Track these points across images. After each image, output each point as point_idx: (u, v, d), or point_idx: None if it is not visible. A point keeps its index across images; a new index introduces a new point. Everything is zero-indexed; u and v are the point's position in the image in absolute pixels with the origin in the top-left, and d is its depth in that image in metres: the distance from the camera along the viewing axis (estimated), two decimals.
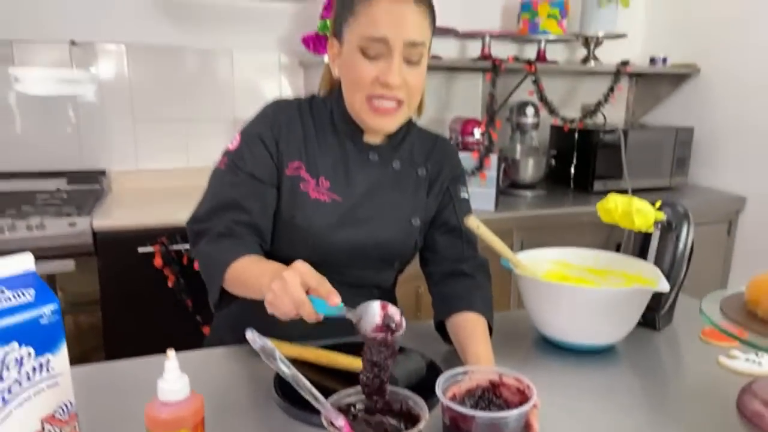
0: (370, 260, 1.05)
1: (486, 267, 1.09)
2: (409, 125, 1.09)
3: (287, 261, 1.00)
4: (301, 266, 0.77)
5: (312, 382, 0.68)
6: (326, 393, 0.69)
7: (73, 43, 2.08)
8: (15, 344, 0.57)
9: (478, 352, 0.88)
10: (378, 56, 0.93)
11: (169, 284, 1.79)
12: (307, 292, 0.74)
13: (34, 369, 0.59)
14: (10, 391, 0.58)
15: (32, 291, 0.59)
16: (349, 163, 1.03)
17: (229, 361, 1.00)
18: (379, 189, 1.04)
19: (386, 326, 0.72)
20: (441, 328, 1.04)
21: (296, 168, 1.00)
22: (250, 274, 0.87)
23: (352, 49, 0.94)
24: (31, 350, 0.58)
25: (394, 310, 0.73)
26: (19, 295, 0.58)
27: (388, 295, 1.15)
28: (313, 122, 1.04)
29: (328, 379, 0.89)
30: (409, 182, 1.07)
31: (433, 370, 0.89)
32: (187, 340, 1.11)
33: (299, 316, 0.75)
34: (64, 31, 2.06)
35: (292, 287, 0.73)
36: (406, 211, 1.06)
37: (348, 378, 0.86)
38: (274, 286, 0.75)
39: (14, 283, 0.59)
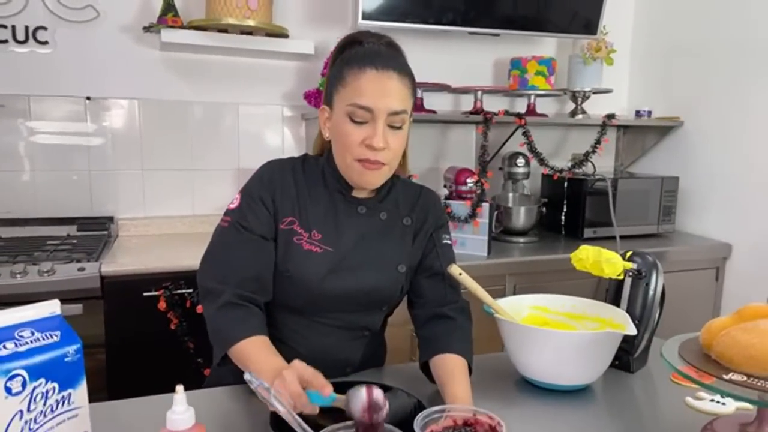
0: (359, 305, 1.12)
1: (467, 310, 1.17)
2: (394, 179, 1.18)
3: (282, 308, 1.09)
4: (298, 365, 0.85)
5: (304, 418, 0.75)
6: (317, 428, 0.76)
7: (88, 98, 2.22)
8: (42, 380, 0.65)
9: (455, 393, 0.96)
10: (364, 121, 1.03)
11: (172, 327, 1.86)
12: (304, 388, 0.83)
13: (57, 402, 0.67)
14: (35, 422, 0.66)
15: (58, 332, 0.67)
16: (339, 215, 1.12)
17: (229, 400, 1.06)
18: (368, 238, 1.12)
19: (372, 407, 0.79)
20: (426, 368, 1.10)
21: (290, 223, 1.09)
22: (254, 360, 0.96)
23: (341, 114, 1.05)
24: (56, 385, 0.66)
25: (378, 393, 0.79)
26: (47, 337, 0.66)
27: (376, 337, 1.23)
28: (305, 179, 1.13)
29: (319, 417, 0.96)
30: (395, 231, 1.15)
31: (418, 409, 0.95)
32: (188, 381, 1.17)
33: (297, 410, 0.82)
34: (80, 88, 2.21)
35: (291, 384, 0.82)
36: (393, 259, 1.14)
37: (336, 415, 0.93)
38: (275, 385, 0.83)
39: (43, 325, 0.68)
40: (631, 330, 1.01)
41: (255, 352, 0.97)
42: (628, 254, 1.17)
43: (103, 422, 0.94)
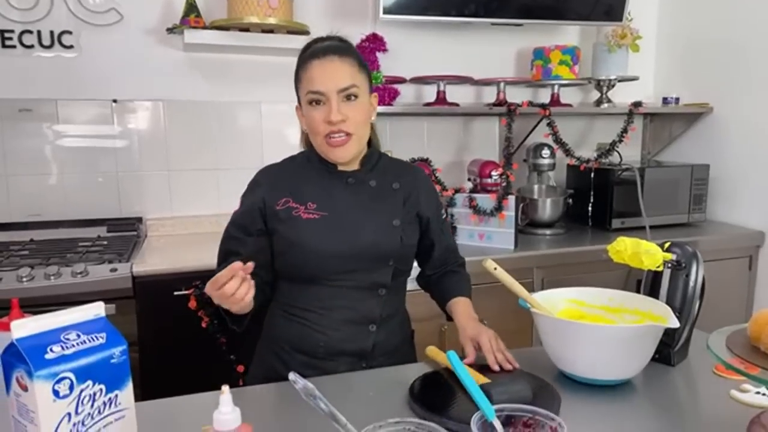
0: (364, 261, 1.22)
1: (464, 262, 1.43)
2: (381, 155, 1.32)
3: (300, 280, 1.23)
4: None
5: None
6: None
7: (114, 101, 2.24)
8: (90, 382, 0.66)
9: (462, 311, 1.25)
10: (321, 103, 1.18)
11: (203, 325, 1.87)
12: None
13: (104, 404, 0.67)
14: (83, 424, 0.66)
15: (104, 334, 0.68)
16: (330, 187, 1.25)
17: (272, 398, 1.06)
18: (360, 202, 1.25)
19: None
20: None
21: (285, 202, 1.22)
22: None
23: (305, 105, 1.21)
24: (103, 387, 0.67)
25: None
26: (93, 339, 0.67)
27: (394, 298, 1.29)
28: (295, 168, 1.29)
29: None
30: (385, 194, 1.27)
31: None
32: (221, 378, 1.18)
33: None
34: (106, 91, 2.23)
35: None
36: (386, 215, 1.25)
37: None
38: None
39: (89, 327, 0.68)
40: (674, 323, 0.99)
41: None
42: (667, 245, 1.15)
43: (146, 421, 0.95)
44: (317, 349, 1.21)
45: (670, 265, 1.14)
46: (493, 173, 2.32)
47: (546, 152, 2.52)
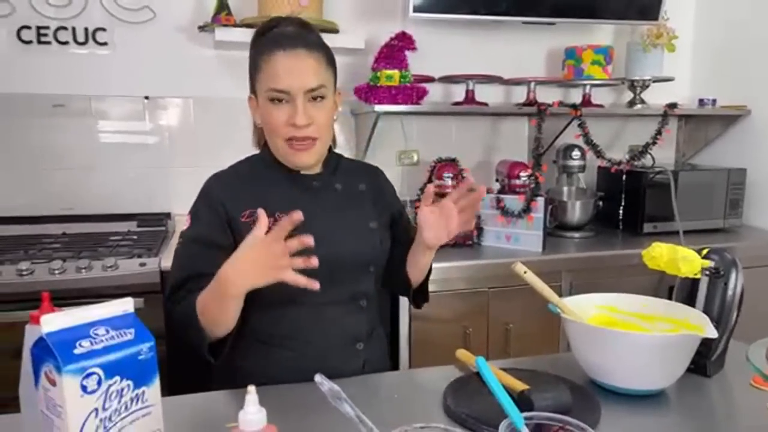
0: (344, 271, 1.14)
1: None
2: (339, 157, 1.26)
3: (277, 302, 1.11)
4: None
5: None
6: None
7: (146, 98, 2.27)
8: (117, 378, 0.66)
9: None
10: (284, 102, 1.08)
11: None
12: None
13: (131, 399, 0.67)
14: (110, 419, 0.66)
15: (132, 330, 0.68)
16: (296, 194, 1.15)
17: (297, 398, 1.05)
18: (329, 207, 1.16)
19: None
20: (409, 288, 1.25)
21: (250, 215, 1.09)
22: (206, 293, 1.00)
23: (263, 100, 1.10)
24: (130, 383, 0.67)
25: None
26: (121, 334, 0.67)
27: (373, 305, 1.23)
28: (253, 174, 1.17)
29: None
30: (353, 197, 1.21)
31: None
32: None
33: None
34: (138, 87, 2.27)
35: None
36: (360, 219, 1.19)
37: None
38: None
39: (117, 323, 0.68)
40: (711, 333, 0.95)
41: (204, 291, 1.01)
42: (704, 252, 1.11)
43: (171, 417, 0.95)
44: (299, 380, 1.04)
45: (708, 272, 1.10)
46: (522, 174, 2.29)
47: (576, 153, 2.48)
